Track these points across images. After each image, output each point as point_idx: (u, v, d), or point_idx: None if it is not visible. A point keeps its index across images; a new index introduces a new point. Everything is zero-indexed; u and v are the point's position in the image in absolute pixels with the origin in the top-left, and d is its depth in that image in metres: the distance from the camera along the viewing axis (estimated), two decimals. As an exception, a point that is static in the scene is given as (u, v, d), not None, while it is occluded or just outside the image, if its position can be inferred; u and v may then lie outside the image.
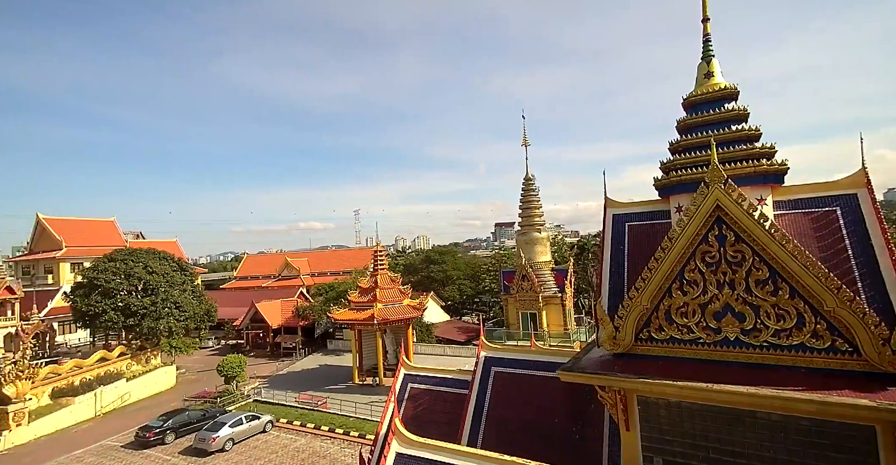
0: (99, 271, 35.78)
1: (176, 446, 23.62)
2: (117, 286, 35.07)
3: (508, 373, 11.98)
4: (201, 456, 21.96)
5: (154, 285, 36.56)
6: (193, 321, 39.79)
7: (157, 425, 24.17)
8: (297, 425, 25.68)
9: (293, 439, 23.91)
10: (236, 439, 23.15)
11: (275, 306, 51.03)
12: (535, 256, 27.08)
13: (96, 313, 34.50)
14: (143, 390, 34.67)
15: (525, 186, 28.69)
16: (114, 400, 31.87)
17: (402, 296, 35.89)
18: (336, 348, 48.35)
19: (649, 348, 8.17)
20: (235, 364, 33.17)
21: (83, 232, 57.59)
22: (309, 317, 48.44)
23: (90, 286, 35.39)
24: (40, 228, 56.47)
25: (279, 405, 29.49)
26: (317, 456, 21.44)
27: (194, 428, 24.88)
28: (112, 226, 63.23)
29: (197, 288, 42.44)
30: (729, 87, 8.72)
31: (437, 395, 13.95)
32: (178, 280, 38.91)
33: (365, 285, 36.43)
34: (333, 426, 24.83)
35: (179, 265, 40.80)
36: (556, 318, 26.25)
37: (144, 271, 36.47)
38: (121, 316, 34.90)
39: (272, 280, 74.71)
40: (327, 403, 28.87)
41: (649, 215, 9.95)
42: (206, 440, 22.12)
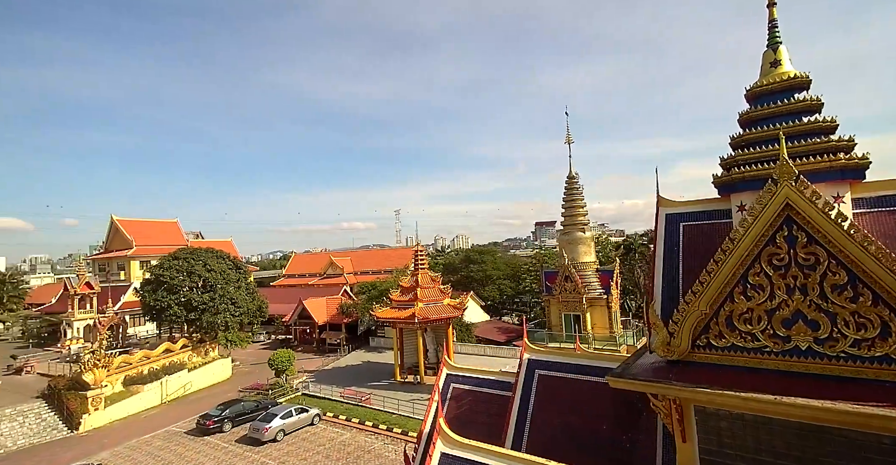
0: (164, 268, 38.71)
1: (232, 434, 25.10)
2: (180, 283, 37.77)
3: (553, 376, 11.73)
4: (255, 445, 23.20)
5: (212, 283, 39.06)
6: (247, 316, 42.20)
7: (216, 414, 25.80)
8: (343, 419, 26.51)
9: (339, 432, 24.71)
10: (287, 430, 24.26)
11: (320, 304, 52.96)
12: (579, 256, 26.31)
13: (162, 307, 37.38)
14: (202, 380, 37.11)
15: (568, 185, 27.96)
16: (177, 389, 34.33)
17: (442, 295, 36.15)
18: (378, 345, 49.47)
19: (707, 355, 7.71)
20: (285, 358, 34.75)
21: (150, 232, 62.58)
22: (352, 314, 49.87)
23: (157, 283, 38.35)
24: (114, 229, 61.93)
25: (325, 399, 30.57)
26: (362, 451, 22.03)
27: (248, 418, 26.32)
28: (175, 226, 68.26)
29: (250, 285, 44.92)
30: (799, 75, 8.05)
31: (480, 396, 13.91)
32: (234, 278, 41.34)
33: (406, 284, 37.00)
34: (377, 422, 25.42)
35: (234, 264, 43.32)
36: (601, 320, 25.37)
37: (204, 268, 39.04)
38: (183, 310, 37.61)
39: (318, 278, 77.52)
40: (371, 399, 29.60)
41: (706, 215, 9.39)
42: (259, 430, 23.35)
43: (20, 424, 26.60)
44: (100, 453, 23.25)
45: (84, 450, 23.77)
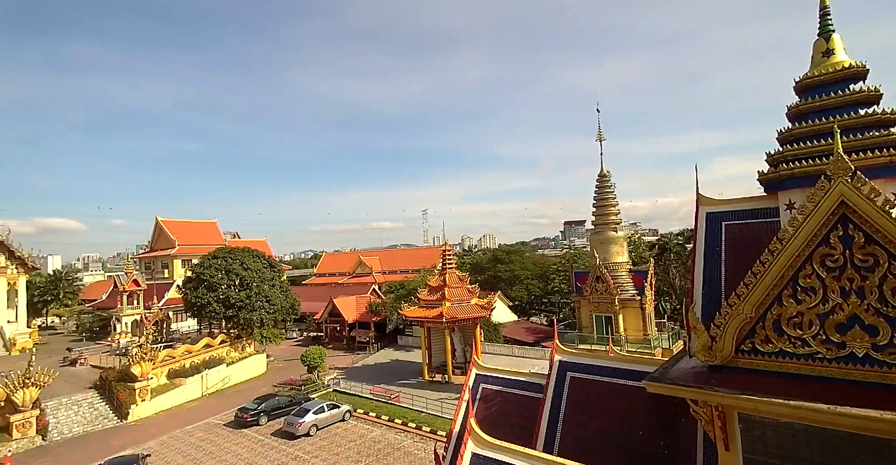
0: (204, 267, 40.51)
1: (268, 427, 25.99)
2: (219, 281, 39.42)
3: (585, 379, 11.52)
4: (290, 439, 23.93)
5: (249, 281, 40.56)
6: (280, 314, 43.58)
7: (253, 407, 26.78)
8: (373, 416, 26.95)
9: (369, 429, 25.14)
10: (319, 425, 24.90)
11: (350, 302, 54.02)
12: (611, 256, 25.63)
13: (202, 304, 39.12)
14: (239, 374, 38.60)
15: (599, 183, 27.30)
16: (216, 383, 35.86)
17: (470, 295, 36.12)
18: (406, 344, 49.97)
19: (753, 361, 7.37)
20: (317, 355, 35.68)
21: (191, 232, 65.64)
22: (381, 313, 50.59)
23: (198, 280, 40.17)
24: (158, 229, 65.34)
25: (356, 395, 31.16)
26: (392, 448, 22.33)
27: (283, 412, 27.18)
28: (214, 227, 71.31)
29: (283, 284, 46.36)
30: (855, 65, 7.55)
31: (510, 397, 13.83)
32: (268, 276, 42.77)
33: (434, 283, 37.21)
34: (406, 420, 25.68)
35: (269, 263, 44.82)
36: (635, 322, 24.63)
37: (241, 267, 40.60)
38: (222, 307, 39.23)
39: (347, 277, 79.09)
40: (399, 397, 29.94)
41: (751, 213, 8.98)
42: (293, 425, 24.08)
43: (75, 412, 28.47)
44: (147, 442, 24.59)
45: (133, 439, 25.21)
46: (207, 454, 22.66)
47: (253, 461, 21.55)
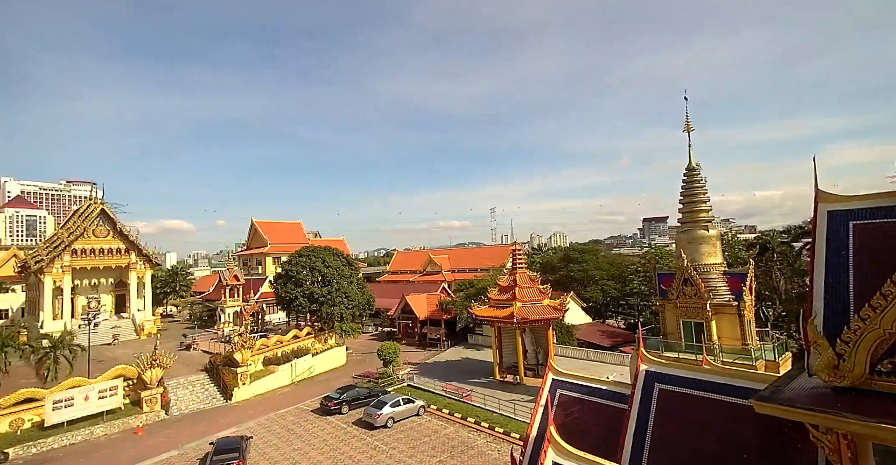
0: (292, 264, 44.20)
1: (349, 416, 27.68)
2: (304, 277, 42.77)
3: (677, 392, 10.66)
4: (369, 429, 25.27)
5: (330, 278, 43.47)
6: (358, 309, 46.14)
7: (336, 397, 28.69)
8: (446, 413, 27.46)
9: (443, 426, 25.66)
10: (396, 418, 25.97)
11: (421, 300, 55.51)
12: (702, 256, 23.31)
13: (291, 298, 42.73)
14: (323, 365, 41.55)
15: (688, 177, 24.96)
16: (303, 371, 38.95)
17: (541, 295, 35.27)
18: (476, 342, 50.17)
19: (893, 383, 6.30)
20: (392, 350, 37.21)
21: (281, 232, 71.99)
22: (451, 311, 51.31)
23: (286, 277, 43.95)
24: (253, 230, 72.52)
25: (429, 391, 31.97)
26: (465, 446, 22.58)
27: (362, 403, 28.76)
28: (299, 227, 77.48)
29: (360, 281, 48.99)
30: None
31: (590, 406, 13.26)
32: (347, 274, 45.48)
33: (504, 283, 36.88)
34: (479, 420, 25.80)
35: (347, 261, 47.64)
36: (731, 330, 22.20)
37: (323, 265, 43.66)
38: (307, 302, 42.53)
39: (418, 275, 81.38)
40: (472, 396, 30.15)
41: (884, 212, 7.67)
42: (372, 416, 25.39)
43: (190, 391, 32.66)
44: (248, 422, 27.47)
45: (236, 418, 28.32)
46: (298, 436, 24.71)
47: (337, 446, 23.08)
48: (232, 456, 19.55)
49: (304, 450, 22.81)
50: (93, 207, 49.00)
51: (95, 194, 49.84)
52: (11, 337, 30.17)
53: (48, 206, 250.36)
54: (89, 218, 48.29)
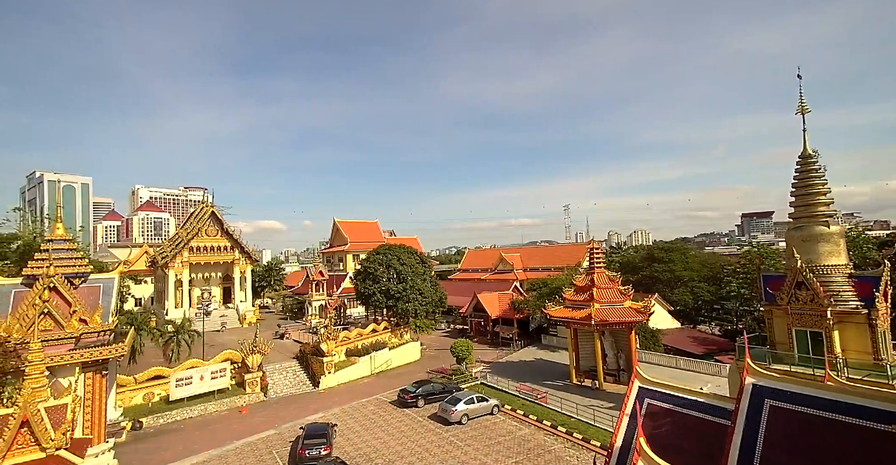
0: (370, 261, 46.54)
1: (425, 410, 28.46)
2: (381, 274, 44.80)
3: (793, 411, 9.38)
4: (444, 424, 25.76)
5: (405, 275, 45.06)
6: (431, 306, 47.25)
7: (412, 390, 29.68)
8: (521, 414, 27.04)
9: (517, 427, 25.31)
10: (470, 415, 26.16)
11: (493, 298, 55.29)
12: (820, 257, 20.04)
13: (369, 294, 45.03)
14: (399, 359, 43.22)
15: (802, 166, 21.55)
16: (381, 364, 40.86)
17: (622, 297, 33.23)
18: (550, 343, 48.75)
19: None
20: (464, 348, 37.55)
21: (359, 231, 76.26)
22: (524, 310, 50.41)
23: (365, 273, 46.40)
24: (335, 229, 77.67)
25: (502, 391, 31.74)
26: (542, 449, 22.05)
27: (436, 398, 29.41)
28: (376, 226, 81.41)
29: (432, 278, 50.09)
30: None
31: (683, 419, 12.18)
32: (420, 271, 46.78)
33: (580, 283, 35.35)
34: (556, 423, 25.03)
35: (420, 259, 48.99)
36: (859, 342, 18.85)
37: (398, 262, 45.38)
38: (384, 298, 44.52)
39: (489, 273, 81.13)
40: (547, 398, 29.36)
41: None
42: (447, 411, 25.84)
43: (284, 377, 35.91)
44: (333, 408, 29.51)
45: (323, 404, 30.55)
46: (378, 426, 25.99)
47: (415, 439, 23.86)
48: (321, 442, 20.99)
49: (384, 439, 23.91)
50: (205, 209, 55.94)
51: (207, 199, 56.85)
52: (145, 322, 35.54)
53: (170, 209, 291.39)
54: (202, 220, 55.21)
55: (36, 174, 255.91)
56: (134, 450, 22.54)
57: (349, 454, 21.74)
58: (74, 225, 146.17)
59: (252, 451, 22.86)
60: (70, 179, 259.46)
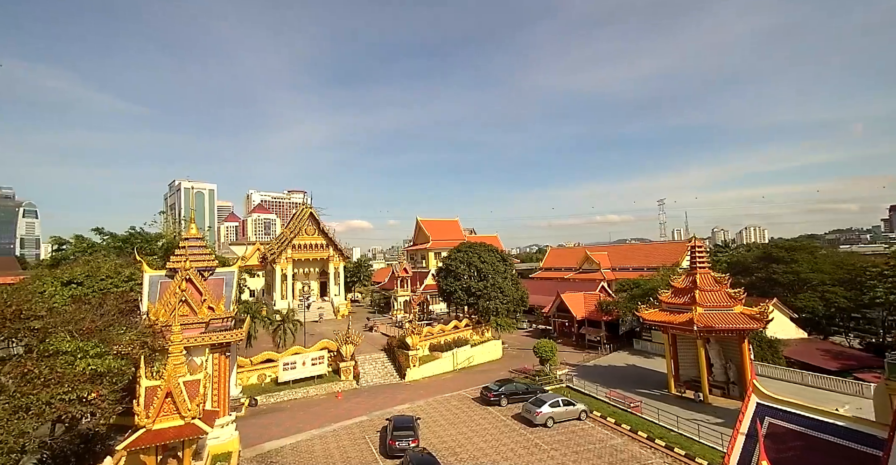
0: (451, 259, 47.34)
1: (508, 410, 28.16)
2: (462, 272, 45.33)
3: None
4: (528, 426, 25.22)
5: (486, 273, 45.06)
6: (512, 305, 46.63)
7: (495, 388, 29.55)
8: (612, 422, 25.43)
9: (608, 435, 23.84)
10: (556, 419, 25.27)
11: (578, 298, 52.80)
12: None
13: (450, 291, 45.83)
14: (480, 356, 43.38)
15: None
16: (463, 360, 41.36)
17: (731, 301, 29.58)
18: (644, 349, 45.24)
19: None
20: (548, 348, 36.39)
21: (441, 229, 78.04)
22: (612, 312, 47.42)
23: (446, 271, 47.32)
24: (418, 227, 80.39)
25: (589, 396, 30.17)
26: (636, 462, 20.50)
27: (519, 398, 28.92)
28: (457, 224, 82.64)
29: (514, 277, 49.38)
30: None
31: (818, 444, 10.41)
32: (501, 269, 46.41)
33: (680, 284, 32.20)
34: (652, 435, 23.09)
35: (501, 256, 48.60)
36: None
37: (479, 260, 45.53)
38: (465, 295, 44.98)
39: (573, 272, 77.71)
40: (641, 407, 27.26)
41: None
42: (531, 413, 25.26)
43: (373, 367, 38.12)
44: (418, 400, 30.58)
45: (409, 396, 31.81)
46: (462, 422, 26.32)
47: (498, 437, 23.72)
48: (409, 434, 21.76)
49: (468, 435, 24.14)
50: (304, 211, 61.67)
51: (306, 201, 62.56)
52: (258, 311, 40.22)
53: (277, 211, 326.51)
54: (302, 220, 60.92)
55: (175, 183, 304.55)
56: (251, 424, 25.62)
57: (434, 446, 22.32)
58: (204, 226, 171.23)
59: (347, 434, 24.61)
60: (200, 186, 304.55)
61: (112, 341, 16.87)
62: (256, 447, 22.68)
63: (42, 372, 14.48)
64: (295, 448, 22.72)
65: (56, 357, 15.10)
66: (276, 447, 22.86)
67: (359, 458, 21.46)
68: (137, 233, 43.70)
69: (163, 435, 14.37)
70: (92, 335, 16.82)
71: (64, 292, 23.88)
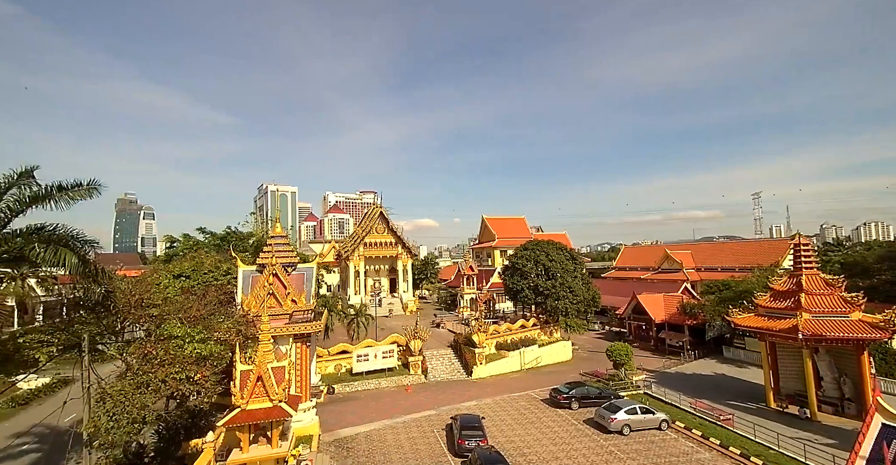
0: (517, 257, 46.58)
1: (579, 413, 27.06)
2: (529, 270, 44.38)
3: None
4: (601, 432, 24.02)
5: (554, 271, 43.70)
6: (582, 305, 44.73)
7: (565, 391, 28.54)
8: (697, 434, 23.35)
9: (693, 448, 21.92)
10: (633, 426, 23.78)
11: (657, 300, 49.23)
12: None
13: (517, 289, 45.11)
14: (548, 357, 42.20)
15: None
16: (530, 360, 40.52)
17: (847, 307, 25.70)
18: (735, 357, 41.01)
19: None
20: (623, 352, 34.33)
21: (506, 227, 77.20)
22: (697, 316, 43.52)
23: (513, 269, 46.65)
24: (483, 225, 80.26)
25: (671, 405, 27.98)
26: (726, 480, 18.63)
27: (591, 403, 27.66)
28: (523, 222, 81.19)
29: (584, 276, 47.31)
30: None
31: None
32: (570, 268, 44.71)
33: (781, 286, 28.64)
34: (747, 453, 20.80)
35: (570, 255, 46.83)
36: None
37: (546, 258, 44.27)
38: (532, 294, 44.00)
39: (651, 272, 72.62)
40: (733, 420, 24.70)
41: None
42: (605, 418, 24.01)
43: (440, 363, 38.74)
44: (485, 398, 30.52)
45: (476, 393, 31.86)
46: (530, 422, 25.81)
47: (569, 442, 22.88)
48: (478, 434, 21.63)
49: (537, 436, 23.60)
50: (375, 210, 64.43)
51: (376, 200, 65.32)
52: (334, 305, 42.81)
53: (350, 210, 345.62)
54: (373, 219, 63.71)
55: (263, 186, 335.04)
56: (329, 411, 27.37)
57: (502, 445, 22.13)
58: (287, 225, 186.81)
59: (417, 426, 25.31)
60: (284, 189, 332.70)
61: (213, 329, 18.94)
62: (334, 432, 24.17)
63: (158, 354, 16.71)
64: (368, 436, 23.85)
65: (169, 341, 17.33)
66: (352, 433, 24.18)
67: (427, 451, 21.95)
68: (233, 232, 48.67)
69: (254, 415, 15.84)
70: (197, 323, 19.03)
71: (175, 283, 27.31)
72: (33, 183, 14.83)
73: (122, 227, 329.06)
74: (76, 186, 15.42)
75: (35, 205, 14.80)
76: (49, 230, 14.85)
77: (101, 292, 16.41)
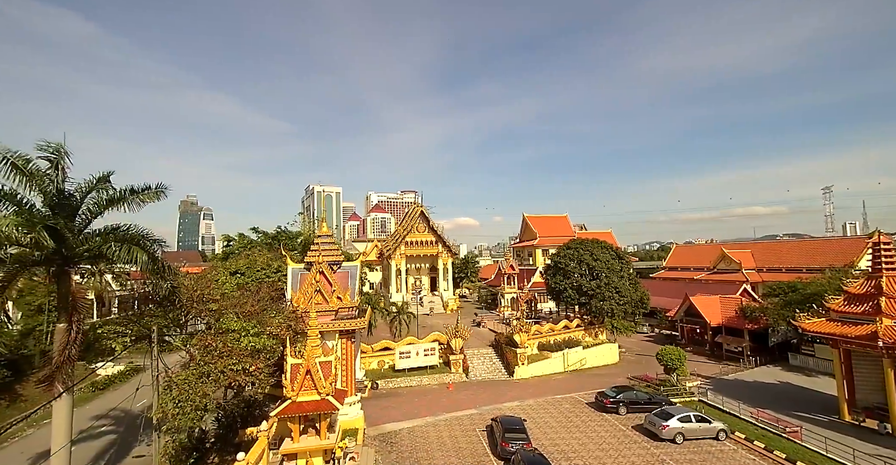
0: (560, 256, 45.47)
1: (627, 419, 25.99)
2: (573, 269, 43.19)
3: None
4: (653, 439, 22.92)
5: (598, 271, 42.27)
6: (630, 306, 42.98)
7: (612, 395, 27.50)
8: (760, 446, 21.74)
9: (755, 461, 20.42)
10: (686, 435, 22.53)
11: (712, 302, 46.39)
12: None
13: (560, 289, 44.04)
14: (593, 359, 40.89)
15: None
16: (574, 362, 39.44)
17: (939, 313, 22.91)
18: (803, 365, 37.92)
19: None
20: (675, 357, 32.65)
21: (548, 225, 75.65)
22: (759, 320, 40.62)
23: (555, 268, 45.59)
24: (524, 224, 79.12)
25: (730, 414, 26.28)
26: (794, 498, 17.20)
27: (639, 408, 26.47)
28: (566, 220, 79.23)
29: (631, 276, 45.41)
30: None
31: None
32: (616, 267, 43.06)
33: (856, 289, 26.11)
34: (817, 470, 19.15)
35: (616, 254, 45.11)
36: None
37: (591, 257, 42.90)
38: (576, 294, 42.80)
39: (705, 273, 68.50)
40: (801, 433, 22.80)
41: None
42: (656, 425, 22.89)
43: (481, 362, 38.59)
44: (527, 399, 30.04)
45: (518, 394, 31.43)
46: (576, 426, 25.11)
47: (617, 448, 22.04)
48: (522, 436, 21.19)
49: (582, 441, 22.92)
50: (416, 209, 65.28)
51: (417, 200, 66.15)
52: (377, 302, 43.83)
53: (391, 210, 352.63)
54: (414, 218, 64.59)
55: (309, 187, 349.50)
56: (373, 405, 28.05)
57: (546, 448, 21.68)
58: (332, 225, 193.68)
59: (459, 424, 25.37)
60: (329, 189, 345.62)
61: (266, 323, 19.96)
62: (378, 427, 24.75)
63: (217, 346, 17.84)
64: (411, 432, 24.20)
65: (227, 334, 18.45)
66: (396, 429, 24.64)
67: (469, 450, 21.93)
68: (282, 231, 51.04)
69: (303, 407, 16.52)
70: (251, 317, 20.13)
71: (231, 280, 29.05)
72: (109, 187, 16.32)
73: (185, 227, 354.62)
74: (146, 189, 16.81)
75: (111, 207, 16.27)
76: (123, 230, 16.25)
77: (168, 288, 17.76)
